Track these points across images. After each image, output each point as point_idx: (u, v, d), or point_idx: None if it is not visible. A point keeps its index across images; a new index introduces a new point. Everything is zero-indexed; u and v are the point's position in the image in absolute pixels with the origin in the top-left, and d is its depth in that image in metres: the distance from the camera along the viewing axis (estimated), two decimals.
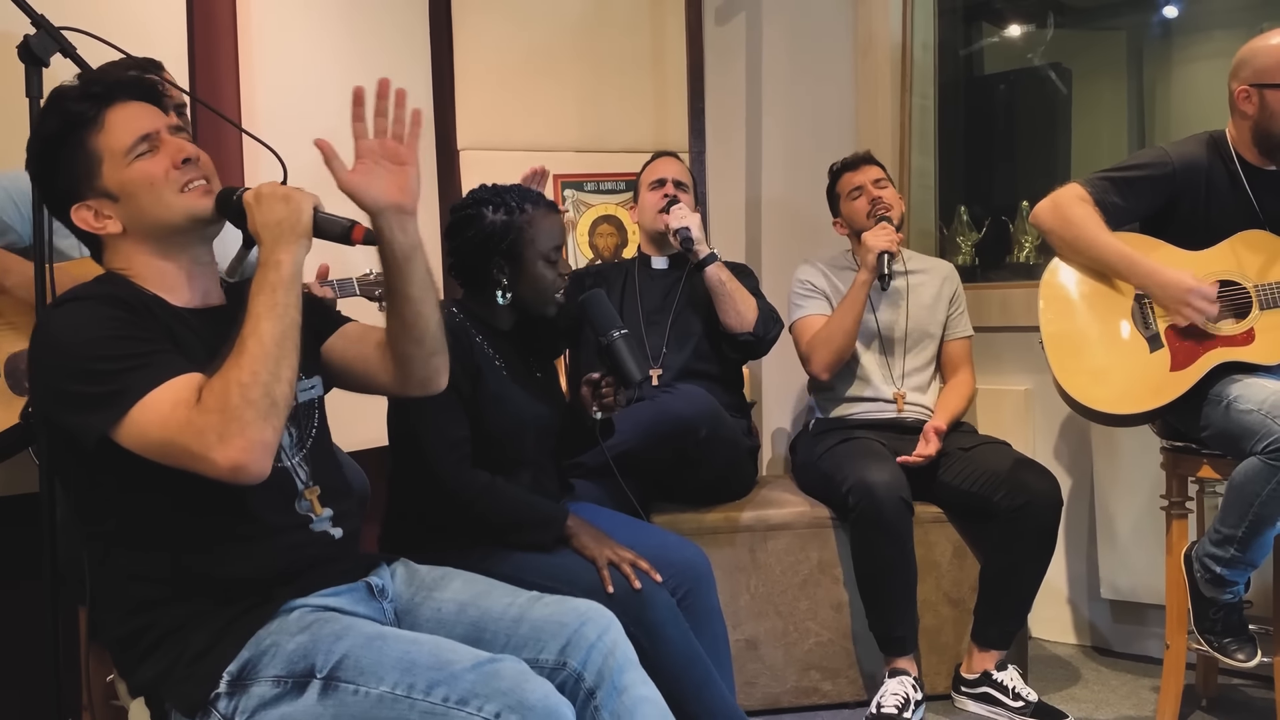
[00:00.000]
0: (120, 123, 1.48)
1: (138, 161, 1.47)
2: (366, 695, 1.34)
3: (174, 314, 1.49)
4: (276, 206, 1.46)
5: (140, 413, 1.33)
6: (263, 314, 1.38)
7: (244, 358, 1.34)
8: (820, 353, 2.89)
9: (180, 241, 1.53)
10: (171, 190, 1.48)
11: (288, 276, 1.42)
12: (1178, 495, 2.51)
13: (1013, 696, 2.58)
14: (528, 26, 3.56)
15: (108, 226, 1.49)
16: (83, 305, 1.40)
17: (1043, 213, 2.54)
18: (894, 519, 2.53)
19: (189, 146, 1.52)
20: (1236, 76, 2.40)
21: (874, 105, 3.61)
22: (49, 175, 1.51)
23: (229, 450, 1.30)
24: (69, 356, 1.36)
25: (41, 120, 1.51)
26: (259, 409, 1.32)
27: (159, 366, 1.36)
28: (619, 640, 1.57)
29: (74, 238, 2.33)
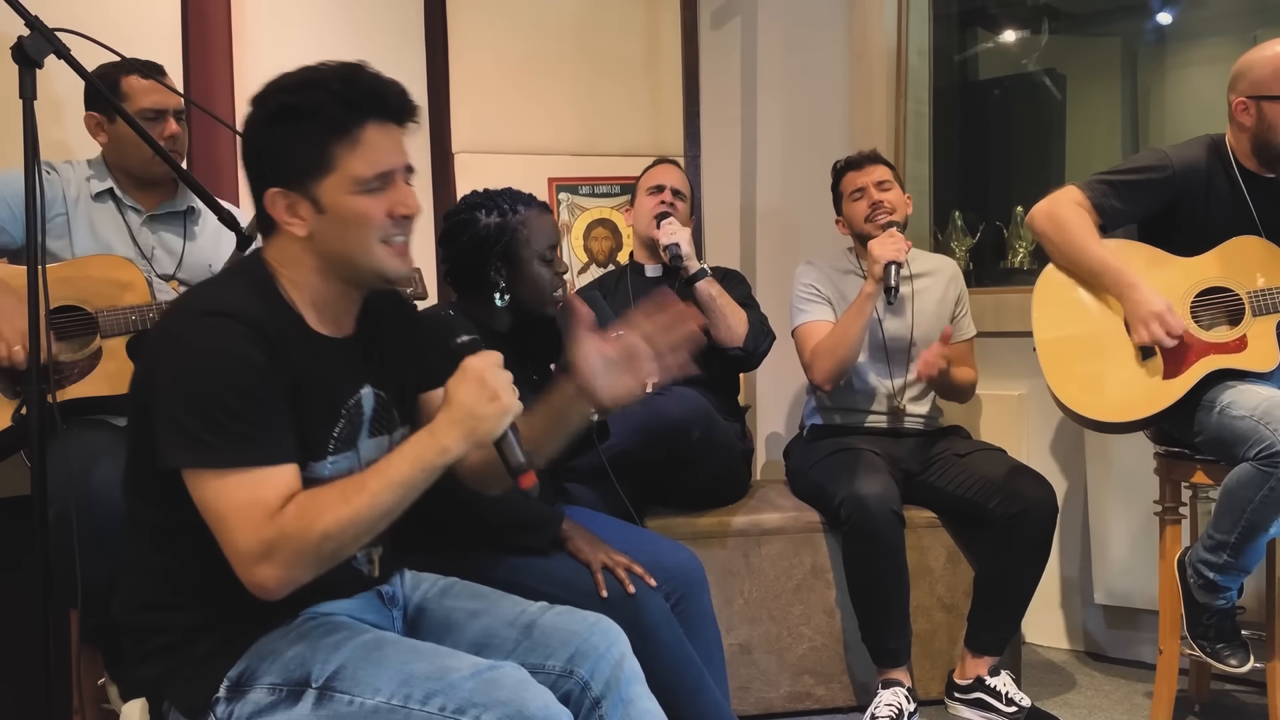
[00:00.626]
0: (369, 150, 1.41)
1: (363, 195, 1.41)
2: (361, 705, 1.34)
3: (308, 341, 1.45)
4: (485, 402, 1.37)
5: (220, 481, 1.30)
6: (395, 483, 1.33)
7: (348, 510, 1.30)
8: (823, 363, 2.82)
9: (349, 279, 1.48)
10: (375, 237, 1.43)
11: (442, 465, 1.36)
12: (1171, 501, 2.51)
13: (1006, 702, 2.57)
14: (523, 29, 3.56)
15: (294, 227, 1.43)
16: (230, 327, 1.34)
17: (1038, 215, 2.54)
18: (886, 532, 2.52)
19: (413, 202, 1.46)
20: (1234, 89, 2.41)
21: (869, 110, 3.62)
22: (264, 145, 1.43)
23: (265, 572, 1.29)
24: (192, 381, 1.32)
25: (291, 91, 1.42)
26: (321, 559, 1.31)
27: (265, 447, 1.33)
28: (627, 654, 1.57)
29: (66, 239, 2.35)
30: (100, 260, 2.33)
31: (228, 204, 2.53)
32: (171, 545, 1.43)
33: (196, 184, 2.01)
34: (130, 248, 2.42)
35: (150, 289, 2.34)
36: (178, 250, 2.49)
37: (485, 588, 1.66)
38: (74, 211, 2.39)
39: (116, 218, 2.43)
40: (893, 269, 2.72)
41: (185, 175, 2.07)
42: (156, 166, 2.38)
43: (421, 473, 1.35)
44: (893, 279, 2.71)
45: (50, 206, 2.35)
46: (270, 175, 1.43)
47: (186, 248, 2.50)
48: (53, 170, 2.40)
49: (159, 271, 2.44)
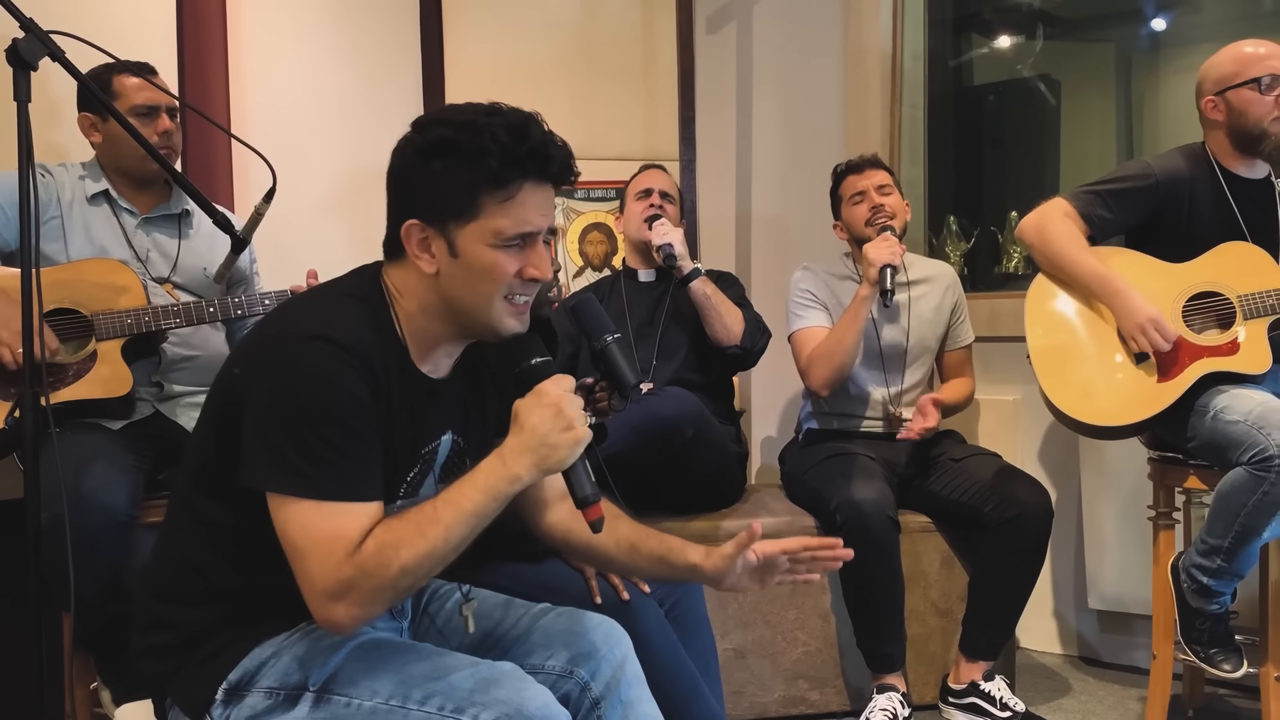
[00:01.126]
0: (519, 208, 1.38)
1: (501, 250, 1.39)
2: (359, 707, 1.33)
3: (407, 378, 1.43)
4: (558, 431, 1.35)
5: (304, 510, 1.29)
6: (468, 515, 1.31)
7: (423, 544, 1.28)
8: (820, 368, 2.82)
9: (461, 325, 1.46)
10: (501, 293, 1.41)
11: (513, 493, 1.34)
12: (1165, 506, 2.52)
13: (1000, 707, 2.57)
14: (519, 33, 3.56)
15: (424, 262, 1.41)
16: (338, 361, 1.31)
17: (1027, 228, 2.56)
18: (881, 537, 2.52)
19: (546, 266, 1.44)
20: (1200, 94, 2.50)
21: (864, 115, 3.62)
22: (418, 176, 1.40)
23: (341, 610, 1.28)
24: (293, 405, 1.30)
25: (458, 129, 1.38)
26: (397, 593, 1.30)
27: (356, 481, 1.31)
28: (629, 656, 1.57)
29: (61, 242, 2.35)
30: (96, 264, 2.33)
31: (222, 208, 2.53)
32: (219, 545, 1.42)
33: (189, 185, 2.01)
34: (125, 250, 2.42)
35: (145, 292, 2.34)
36: (172, 253, 2.49)
37: (488, 592, 1.66)
38: (68, 214, 2.38)
39: (111, 220, 2.43)
40: (888, 272, 2.72)
41: (178, 175, 2.06)
42: (150, 165, 2.38)
43: (494, 502, 1.33)
44: (888, 282, 2.71)
45: (44, 209, 2.34)
46: (413, 206, 1.40)
47: (181, 250, 2.50)
48: (47, 173, 2.40)
49: (154, 274, 2.43)
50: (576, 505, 1.41)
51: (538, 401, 1.37)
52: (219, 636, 1.41)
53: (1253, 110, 2.40)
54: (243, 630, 1.41)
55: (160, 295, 2.42)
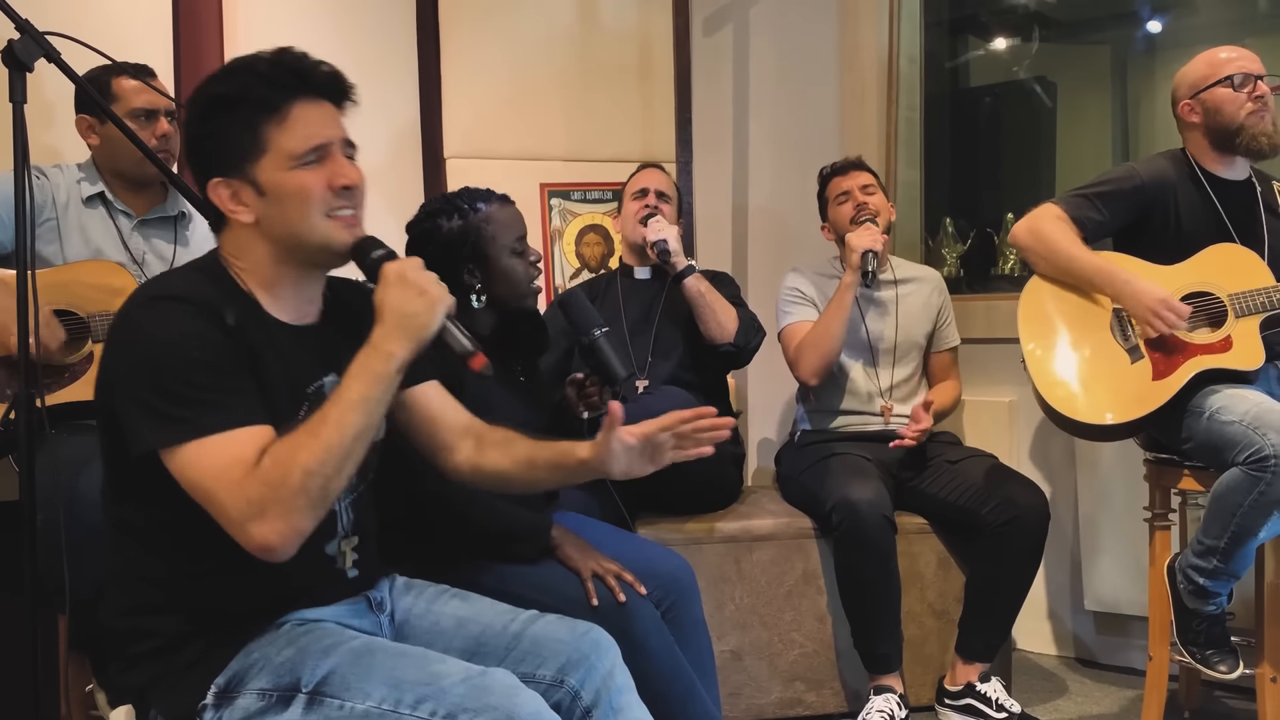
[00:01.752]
0: (300, 124, 1.42)
1: (300, 170, 1.42)
2: (352, 710, 1.33)
3: (266, 326, 1.45)
4: (412, 300, 1.39)
5: (197, 451, 1.30)
6: (354, 404, 1.33)
7: (318, 442, 1.30)
8: (807, 356, 2.86)
9: (303, 260, 1.48)
10: (319, 211, 1.43)
11: (392, 371, 1.37)
12: (1160, 507, 2.52)
13: (996, 708, 2.57)
14: (515, 35, 3.56)
15: (240, 214, 1.44)
16: (180, 311, 1.35)
17: (1020, 232, 2.59)
18: (877, 537, 2.52)
19: (353, 172, 1.46)
20: (1177, 100, 2.56)
21: (860, 117, 3.63)
22: (202, 137, 1.44)
23: (265, 528, 1.28)
24: (150, 362, 1.33)
25: (220, 80, 1.45)
26: (311, 498, 1.30)
27: (233, 411, 1.33)
28: (618, 663, 1.56)
29: (57, 244, 2.34)
30: (93, 265, 2.33)
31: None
32: (155, 547, 1.43)
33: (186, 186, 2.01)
34: (121, 252, 2.42)
35: None
36: (169, 255, 2.48)
37: (474, 595, 1.66)
38: (64, 216, 2.38)
39: (107, 222, 2.43)
40: (870, 256, 2.80)
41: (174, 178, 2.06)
42: (148, 167, 2.37)
43: (375, 386, 1.35)
44: (869, 265, 2.80)
45: (39, 211, 2.34)
46: (210, 167, 1.44)
47: (178, 253, 2.50)
48: (42, 175, 2.40)
49: (150, 276, 2.43)
50: (460, 363, 1.45)
51: (386, 283, 1.40)
52: (196, 642, 1.41)
53: (1227, 107, 2.45)
54: (219, 633, 1.41)
55: None
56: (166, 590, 1.43)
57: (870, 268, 2.80)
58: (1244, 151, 2.48)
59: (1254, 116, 2.44)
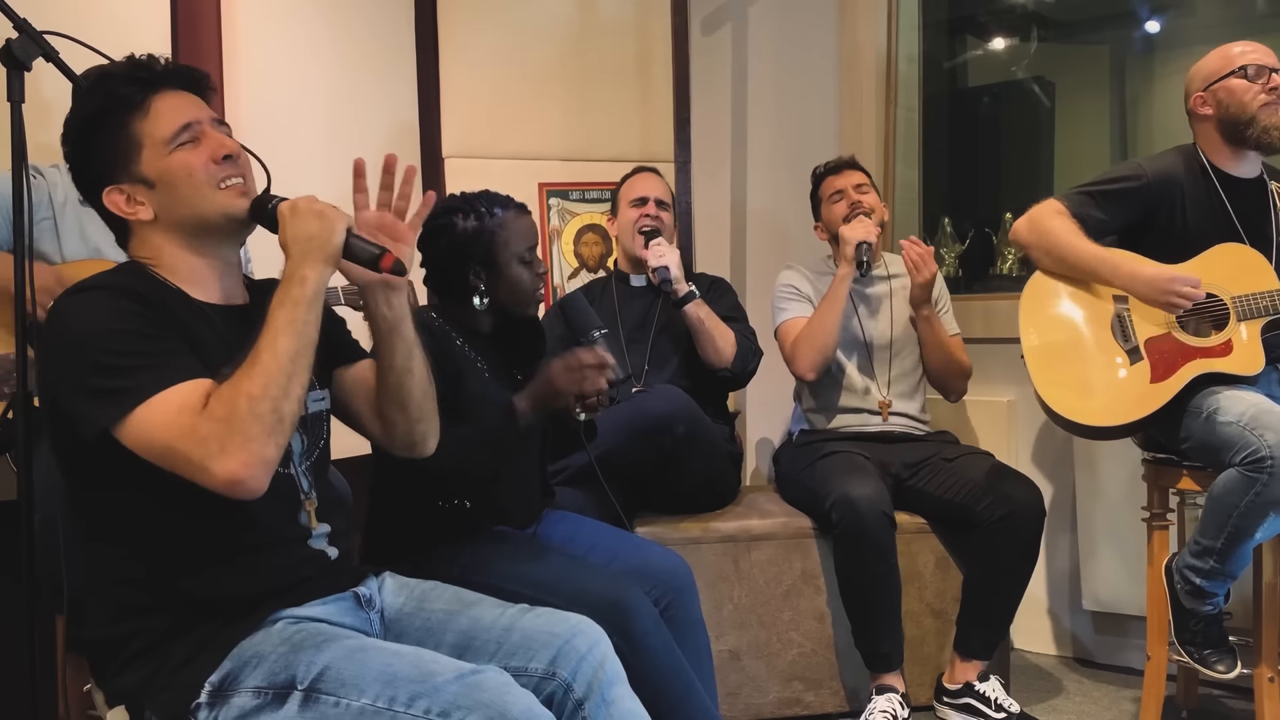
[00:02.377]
0: (164, 110, 1.47)
1: (178, 151, 1.46)
2: (347, 707, 1.33)
3: (194, 309, 1.48)
4: (310, 222, 1.43)
5: (145, 413, 1.31)
6: (281, 328, 1.36)
7: (256, 370, 1.33)
8: (804, 351, 2.86)
9: (210, 238, 1.51)
10: (209, 185, 1.47)
11: (310, 294, 1.40)
12: (1159, 507, 2.52)
13: (995, 708, 2.58)
14: (514, 34, 3.56)
15: (139, 213, 1.48)
16: (100, 295, 1.39)
17: (1021, 228, 2.57)
18: (877, 534, 2.53)
19: (230, 142, 1.50)
20: (1189, 93, 2.53)
21: (859, 117, 3.63)
22: (84, 155, 1.49)
23: (229, 462, 1.29)
24: (80, 346, 1.35)
25: (84, 98, 1.49)
26: (265, 423, 1.31)
27: (171, 368, 1.35)
28: (608, 654, 1.57)
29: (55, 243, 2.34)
30: (91, 265, 2.32)
31: None
32: (129, 547, 1.43)
33: None
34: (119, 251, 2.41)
35: None
36: None
37: (465, 590, 1.66)
38: (61, 215, 2.38)
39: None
40: (863, 247, 2.81)
41: None
42: None
43: (297, 308, 1.38)
44: (864, 255, 2.80)
45: (37, 210, 2.34)
46: (100, 179, 1.48)
47: None
48: (39, 174, 2.39)
49: None
50: (369, 266, 1.46)
51: (283, 220, 1.44)
52: (186, 640, 1.41)
53: (1240, 97, 2.44)
54: (210, 631, 1.41)
55: None
56: (147, 589, 1.43)
57: (865, 258, 2.80)
58: (1255, 145, 2.46)
59: (1267, 109, 2.42)
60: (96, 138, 1.47)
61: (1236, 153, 2.49)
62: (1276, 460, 2.10)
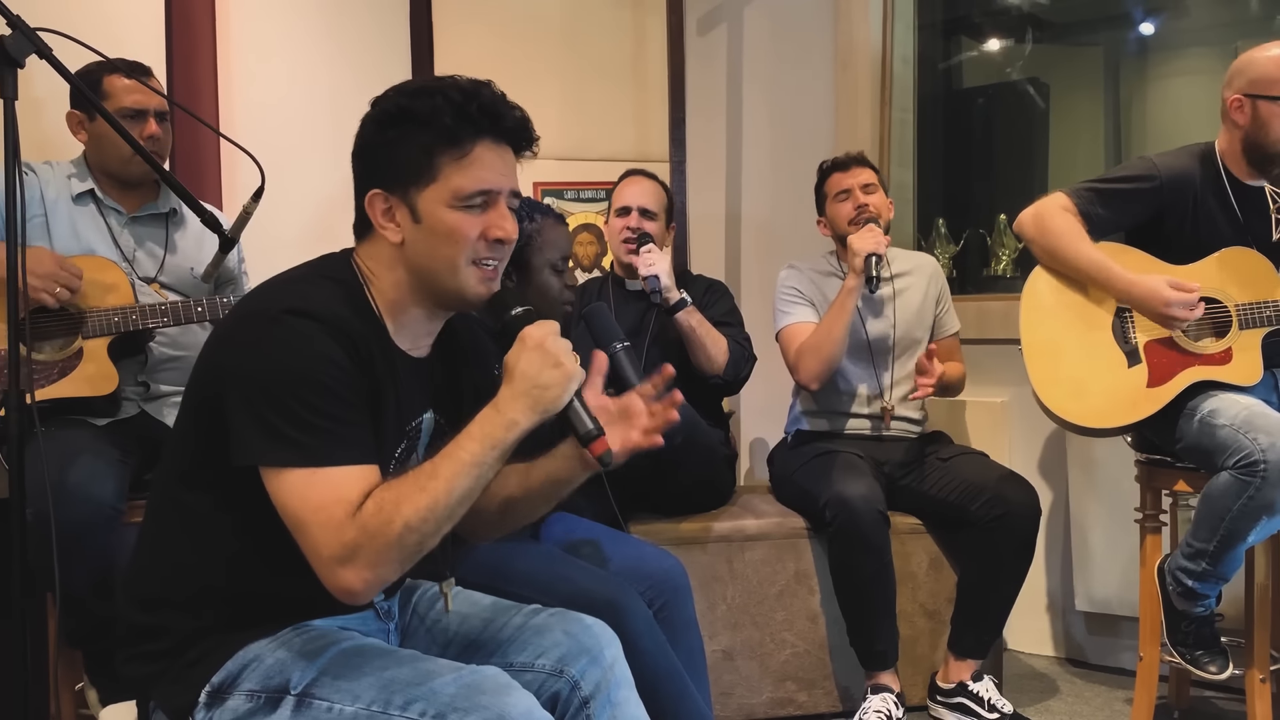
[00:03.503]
0: (476, 166, 1.40)
1: (461, 211, 1.40)
2: (340, 712, 1.32)
3: (390, 357, 1.43)
4: (547, 369, 1.36)
5: (304, 479, 1.28)
6: (467, 465, 1.30)
7: (424, 498, 1.28)
8: (808, 361, 2.82)
9: (435, 299, 1.46)
10: (466, 256, 1.41)
11: (511, 441, 1.34)
12: (1152, 509, 2.53)
13: (988, 708, 2.58)
14: (509, 33, 3.56)
15: (389, 232, 1.42)
16: (315, 330, 1.32)
17: (1025, 221, 2.55)
18: (872, 533, 2.52)
19: (511, 226, 1.44)
20: (1230, 85, 2.41)
21: (853, 117, 3.63)
22: (376, 145, 1.43)
23: (351, 574, 1.26)
24: (280, 379, 1.29)
25: (411, 96, 1.42)
26: (406, 554, 1.28)
27: (350, 446, 1.31)
28: (619, 658, 1.56)
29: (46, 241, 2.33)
30: (84, 261, 2.31)
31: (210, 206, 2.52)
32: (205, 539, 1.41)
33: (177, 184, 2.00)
34: (112, 249, 2.40)
35: (133, 291, 2.33)
36: (159, 253, 2.48)
37: (477, 593, 1.66)
38: (53, 213, 2.37)
39: (98, 219, 2.42)
40: (873, 260, 2.74)
41: (165, 174, 2.05)
42: (135, 167, 2.37)
43: (492, 451, 1.32)
44: (874, 270, 2.74)
45: (28, 208, 2.33)
46: (374, 176, 1.42)
47: (168, 250, 2.49)
48: (31, 171, 2.38)
49: (140, 274, 2.42)
50: (580, 442, 1.42)
51: (523, 346, 1.37)
52: (205, 641, 1.40)
53: (1276, 129, 2.33)
54: (229, 635, 1.40)
55: (147, 293, 2.40)
56: (201, 587, 1.41)
57: (875, 273, 2.74)
58: (1275, 181, 2.39)
59: None
60: (398, 140, 1.40)
61: (1253, 172, 2.42)
62: (1269, 464, 2.10)
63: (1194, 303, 2.34)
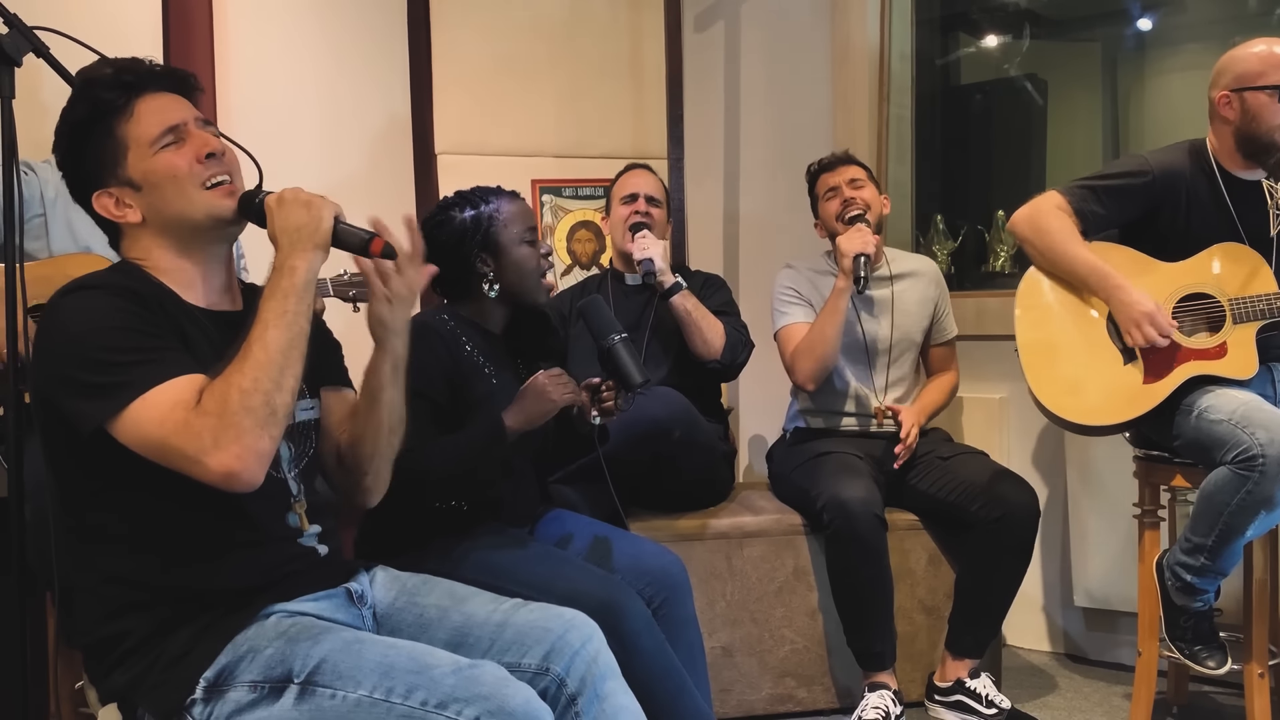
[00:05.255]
0: (149, 113, 1.48)
1: (163, 152, 1.47)
2: (344, 699, 1.33)
3: (186, 311, 1.48)
4: (297, 212, 1.44)
5: (139, 408, 1.32)
6: (271, 320, 1.37)
7: (247, 363, 1.33)
8: (803, 362, 2.84)
9: (199, 239, 1.52)
10: (194, 185, 1.48)
11: (300, 284, 1.41)
12: (1150, 504, 2.53)
13: (986, 704, 2.58)
14: (506, 31, 3.56)
15: (128, 215, 1.49)
16: (94, 293, 1.39)
17: (1020, 221, 2.55)
18: (868, 535, 2.52)
19: (214, 141, 1.51)
20: (1216, 85, 2.42)
21: (851, 114, 3.63)
22: (74, 160, 1.50)
23: (223, 456, 1.30)
24: (76, 343, 1.35)
25: (71, 105, 1.49)
26: (258, 416, 1.32)
27: (164, 364, 1.36)
28: (601, 649, 1.57)
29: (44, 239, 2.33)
30: (80, 260, 2.31)
31: None
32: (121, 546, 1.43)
33: None
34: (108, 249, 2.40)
35: None
36: None
37: (458, 585, 1.66)
38: (52, 212, 2.37)
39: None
40: (861, 260, 2.74)
41: None
42: None
43: (288, 299, 1.39)
44: (861, 270, 2.74)
45: (29, 207, 2.33)
46: (89, 183, 1.50)
47: None
48: (30, 170, 2.38)
49: None
50: (358, 252, 1.48)
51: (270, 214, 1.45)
52: (179, 636, 1.40)
53: (1267, 117, 2.33)
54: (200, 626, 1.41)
55: None
56: (138, 587, 1.43)
57: (863, 273, 2.73)
58: (1271, 171, 2.39)
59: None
60: (84, 142, 1.48)
61: (1247, 164, 2.42)
62: (1268, 458, 2.10)
63: (1166, 330, 2.36)
